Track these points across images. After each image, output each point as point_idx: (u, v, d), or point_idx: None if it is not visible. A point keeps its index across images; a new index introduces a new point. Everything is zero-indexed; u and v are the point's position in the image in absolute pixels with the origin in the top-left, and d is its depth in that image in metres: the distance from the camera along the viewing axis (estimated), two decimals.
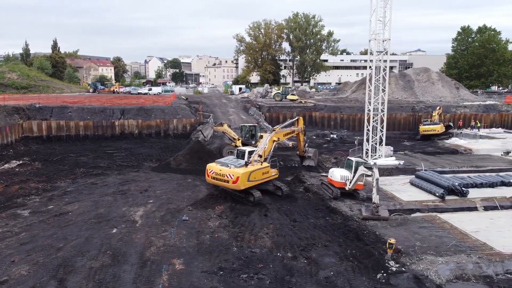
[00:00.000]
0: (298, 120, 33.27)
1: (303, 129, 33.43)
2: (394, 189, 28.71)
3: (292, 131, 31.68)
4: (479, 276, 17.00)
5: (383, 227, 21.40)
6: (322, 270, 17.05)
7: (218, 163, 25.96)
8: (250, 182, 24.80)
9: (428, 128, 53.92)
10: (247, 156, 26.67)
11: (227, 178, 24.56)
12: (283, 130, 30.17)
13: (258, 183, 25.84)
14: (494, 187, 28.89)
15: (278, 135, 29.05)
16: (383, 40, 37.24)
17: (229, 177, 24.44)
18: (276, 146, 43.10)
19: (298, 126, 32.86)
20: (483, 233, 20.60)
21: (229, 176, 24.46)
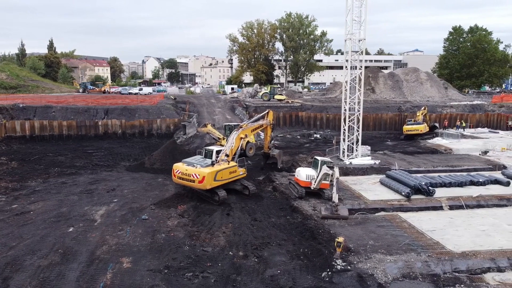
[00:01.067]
0: (268, 113, 33.05)
1: (271, 123, 33.24)
2: (363, 188, 28.75)
3: (260, 126, 31.60)
4: (426, 275, 17.06)
5: (341, 226, 21.47)
6: (270, 268, 17.12)
7: (185, 163, 26.02)
8: (216, 182, 24.86)
9: (411, 128, 53.97)
10: (214, 156, 26.72)
11: (193, 178, 24.61)
12: (251, 125, 30.17)
13: (225, 182, 25.92)
14: (463, 186, 28.93)
15: (245, 132, 29.04)
16: (358, 40, 37.19)
17: (195, 177, 24.50)
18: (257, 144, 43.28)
19: (267, 119, 32.64)
20: (439, 232, 20.66)
21: (195, 176, 24.51)
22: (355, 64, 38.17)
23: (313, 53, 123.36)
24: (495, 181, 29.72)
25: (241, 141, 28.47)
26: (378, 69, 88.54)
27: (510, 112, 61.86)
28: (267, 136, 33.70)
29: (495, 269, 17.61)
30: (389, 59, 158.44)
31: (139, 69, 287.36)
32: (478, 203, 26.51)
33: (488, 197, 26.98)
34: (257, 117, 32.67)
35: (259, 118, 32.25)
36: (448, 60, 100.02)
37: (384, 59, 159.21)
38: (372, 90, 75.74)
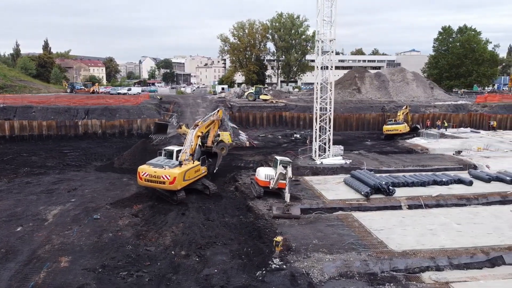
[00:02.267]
0: (219, 111, 33.62)
1: (220, 119, 33.57)
2: (326, 188, 28.80)
3: (211, 122, 31.89)
4: (364, 274, 17.14)
5: (290, 225, 21.55)
6: (208, 268, 17.20)
7: (151, 165, 25.79)
8: (185, 181, 24.99)
9: (391, 128, 53.91)
10: (175, 156, 26.82)
11: (163, 179, 24.38)
12: (205, 123, 30.38)
13: (192, 181, 26.03)
14: (426, 186, 28.99)
15: (202, 129, 29.28)
16: (330, 40, 37.26)
17: (165, 178, 24.31)
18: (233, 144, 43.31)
19: (217, 115, 33.11)
20: (386, 231, 20.73)
21: (166, 177, 24.33)
22: (328, 64, 38.12)
23: (305, 53, 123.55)
24: (458, 181, 29.80)
25: (199, 138, 28.53)
26: (365, 69, 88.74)
27: (493, 112, 61.92)
28: (214, 131, 33.86)
29: (434, 268, 17.71)
30: (383, 59, 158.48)
31: (136, 69, 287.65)
32: (437, 202, 26.61)
33: (448, 197, 27.07)
34: (210, 114, 33.25)
35: (211, 115, 32.80)
36: (437, 60, 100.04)
37: (378, 59, 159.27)
38: (358, 90, 75.83)
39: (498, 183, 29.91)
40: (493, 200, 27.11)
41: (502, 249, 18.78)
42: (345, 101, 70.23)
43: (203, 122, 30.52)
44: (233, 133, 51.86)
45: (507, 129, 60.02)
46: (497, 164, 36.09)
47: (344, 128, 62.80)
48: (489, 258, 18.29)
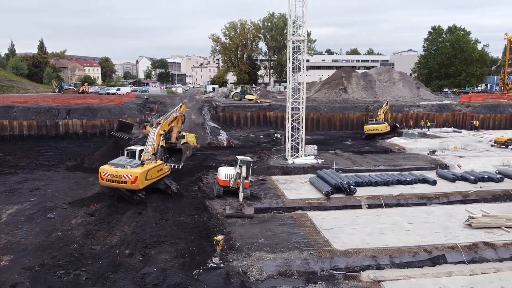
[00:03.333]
0: (181, 106, 33.54)
1: (183, 114, 33.50)
2: (289, 187, 28.92)
3: (174, 118, 31.79)
4: (303, 272, 17.26)
5: (241, 224, 21.66)
6: (148, 266, 17.30)
7: (112, 165, 25.84)
8: (147, 181, 25.05)
9: (372, 128, 53.85)
10: (137, 155, 26.90)
11: (125, 179, 24.42)
12: (167, 120, 30.28)
13: (154, 180, 26.09)
14: (390, 185, 29.09)
15: (164, 128, 29.18)
16: (302, 41, 37.36)
17: (127, 178, 24.35)
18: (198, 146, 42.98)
19: (180, 111, 32.99)
20: (335, 231, 20.83)
21: (127, 176, 24.37)
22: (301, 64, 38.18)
23: (297, 53, 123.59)
24: (423, 180, 29.93)
25: (161, 137, 28.51)
26: (352, 69, 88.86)
27: (476, 112, 62.04)
28: (178, 126, 33.82)
29: (375, 267, 17.83)
30: (376, 59, 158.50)
31: (134, 69, 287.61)
32: (397, 202, 26.74)
33: (408, 196, 27.20)
34: (172, 111, 33.16)
35: (173, 111, 32.74)
36: (427, 60, 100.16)
37: (371, 59, 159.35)
38: (345, 90, 75.92)
39: (463, 182, 30.04)
40: (454, 199, 27.25)
41: (445, 248, 18.88)
42: (330, 101, 70.36)
43: (165, 119, 30.46)
44: (212, 132, 52.18)
45: (489, 128, 60.18)
46: (469, 164, 36.22)
47: (327, 127, 62.91)
48: (431, 257, 18.41)
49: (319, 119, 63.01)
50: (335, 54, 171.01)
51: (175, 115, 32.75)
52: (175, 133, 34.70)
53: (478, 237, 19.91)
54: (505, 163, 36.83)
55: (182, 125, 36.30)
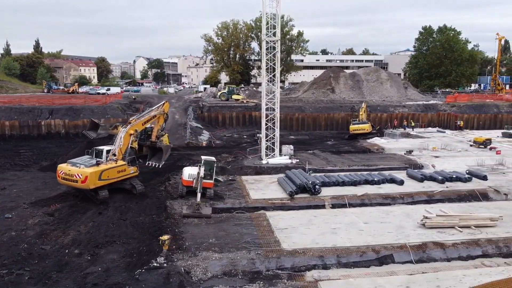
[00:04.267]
0: (164, 104, 33.43)
1: (165, 113, 33.36)
2: (256, 187, 28.99)
3: (152, 117, 31.62)
4: (248, 272, 17.33)
5: (197, 224, 21.73)
6: (94, 266, 17.36)
7: (69, 163, 26.05)
8: (102, 181, 25.04)
9: (358, 127, 53.71)
10: (104, 155, 26.99)
11: (76, 178, 24.67)
12: (140, 119, 30.20)
13: (113, 181, 26.09)
14: (357, 185, 29.15)
15: (135, 127, 29.05)
16: (276, 41, 37.44)
17: (78, 177, 24.55)
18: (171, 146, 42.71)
19: (161, 109, 32.85)
20: (288, 230, 20.89)
21: (78, 175, 24.57)
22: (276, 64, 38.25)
23: (290, 53, 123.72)
24: (391, 180, 30.00)
25: (131, 137, 28.52)
26: (340, 69, 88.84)
27: (460, 112, 62.09)
28: (158, 125, 33.76)
29: (321, 267, 17.90)
30: (371, 59, 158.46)
31: (131, 69, 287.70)
32: (362, 201, 26.81)
33: (373, 196, 27.27)
34: (151, 109, 33.01)
35: (152, 110, 32.58)
36: (417, 60, 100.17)
37: (366, 59, 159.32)
38: (332, 90, 75.95)
39: (431, 182, 30.11)
40: (419, 199, 27.33)
41: (394, 248, 18.94)
42: (317, 101, 70.41)
43: (138, 119, 30.45)
44: (194, 132, 52.28)
45: (474, 128, 60.26)
46: (443, 164, 36.31)
47: (312, 127, 62.92)
48: (379, 256, 18.48)
49: (304, 119, 63.05)
50: (330, 54, 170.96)
51: (153, 114, 32.67)
52: (155, 131, 34.72)
53: (429, 237, 19.97)
54: (479, 163, 36.88)
55: (164, 123, 36.29)
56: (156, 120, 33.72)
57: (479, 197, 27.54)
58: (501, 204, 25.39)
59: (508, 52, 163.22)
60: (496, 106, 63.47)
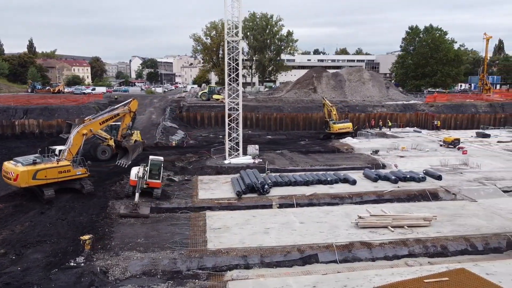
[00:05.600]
0: (132, 102, 33.29)
1: (131, 111, 33.17)
2: (208, 187, 29.03)
3: (113, 116, 31.37)
4: (168, 272, 17.39)
5: (131, 224, 21.80)
6: (15, 266, 17.38)
7: (11, 161, 26.08)
8: (36, 180, 24.94)
9: (342, 126, 52.91)
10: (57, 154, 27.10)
11: (10, 176, 24.86)
12: (98, 118, 30.02)
13: (52, 181, 25.76)
14: (309, 185, 29.17)
15: (90, 127, 28.86)
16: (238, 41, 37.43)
17: (11, 175, 24.72)
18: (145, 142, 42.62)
19: (127, 107, 32.72)
20: (221, 230, 20.94)
21: (11, 174, 24.73)
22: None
23: (280, 52, 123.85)
24: (344, 180, 30.02)
25: (84, 137, 28.46)
26: (323, 69, 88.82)
27: (438, 111, 62.09)
28: (124, 123, 33.62)
29: (243, 266, 17.93)
30: (362, 59, 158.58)
31: (127, 69, 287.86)
32: (310, 201, 26.85)
33: (321, 196, 27.31)
34: (114, 107, 32.86)
35: (119, 107, 32.40)
36: (404, 60, 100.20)
37: (357, 59, 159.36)
38: (314, 90, 75.96)
39: (384, 182, 30.12)
40: (368, 199, 27.39)
41: (320, 248, 18.97)
42: (297, 101, 70.42)
43: (95, 118, 30.35)
44: (167, 132, 52.29)
45: (451, 128, 60.27)
46: (407, 164, 36.35)
47: (291, 127, 62.91)
48: (303, 256, 18.51)
49: (282, 119, 63.08)
50: (321, 54, 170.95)
51: (115, 112, 32.58)
52: (121, 131, 34.71)
53: (359, 236, 20.00)
54: (443, 163, 36.95)
55: (131, 122, 36.21)
56: (123, 119, 33.66)
57: (429, 197, 27.59)
58: (445, 204, 25.42)
59: (502, 52, 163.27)
60: (474, 106, 63.45)
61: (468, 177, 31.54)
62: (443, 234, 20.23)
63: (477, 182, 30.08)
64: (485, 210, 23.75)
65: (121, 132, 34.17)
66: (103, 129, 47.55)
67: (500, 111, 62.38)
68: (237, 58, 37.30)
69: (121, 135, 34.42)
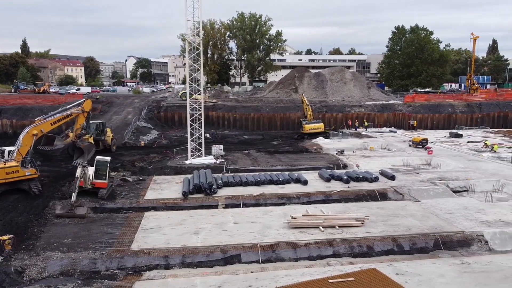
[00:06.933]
0: (85, 101, 33.30)
1: (85, 111, 33.15)
2: (159, 187, 29.07)
3: (66, 116, 31.36)
4: (87, 272, 17.45)
5: (64, 224, 21.88)
6: None
7: None
8: None
9: (314, 127, 52.97)
10: (6, 155, 27.17)
11: None
12: (49, 119, 30.04)
13: None
14: (260, 185, 29.18)
15: (40, 127, 28.95)
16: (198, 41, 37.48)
17: None
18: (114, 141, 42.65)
19: (81, 107, 32.74)
20: (153, 231, 20.98)
21: None
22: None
23: (269, 52, 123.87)
24: (296, 180, 30.04)
25: (34, 138, 28.46)
26: (305, 69, 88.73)
27: (414, 111, 62.08)
28: (78, 123, 33.64)
29: (163, 266, 17.97)
30: (353, 59, 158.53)
31: (123, 68, 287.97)
32: (256, 201, 26.85)
33: (269, 196, 27.34)
34: (66, 107, 32.93)
35: (71, 107, 32.47)
36: (389, 60, 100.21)
37: (349, 59, 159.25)
38: (296, 89, 75.93)
39: (336, 182, 30.13)
40: (316, 199, 27.36)
41: (245, 248, 18.99)
42: (276, 101, 70.44)
43: (46, 118, 30.37)
44: (139, 132, 52.31)
45: (427, 128, 60.27)
46: (369, 164, 36.37)
47: (268, 127, 62.86)
48: (225, 256, 18.53)
49: (259, 119, 63.09)
50: (313, 54, 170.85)
51: (67, 112, 32.63)
52: (75, 131, 34.73)
53: (286, 236, 20.03)
54: (406, 163, 37.04)
55: (86, 122, 36.24)
56: (76, 119, 33.72)
57: (377, 197, 27.60)
58: (387, 204, 25.44)
59: (496, 52, 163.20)
60: (451, 106, 63.40)
61: (423, 177, 31.55)
62: (371, 234, 20.25)
63: (429, 182, 30.08)
64: (424, 210, 23.76)
65: (75, 132, 34.19)
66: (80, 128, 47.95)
67: (477, 111, 62.33)
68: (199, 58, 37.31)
69: (76, 135, 34.42)
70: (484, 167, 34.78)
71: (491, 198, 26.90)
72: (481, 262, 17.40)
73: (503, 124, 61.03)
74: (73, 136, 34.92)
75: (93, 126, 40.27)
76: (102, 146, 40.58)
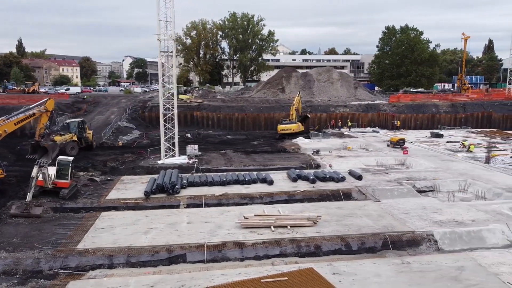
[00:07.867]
0: (48, 101, 33.38)
1: (48, 110, 33.24)
2: (124, 187, 29.10)
3: (29, 116, 31.44)
4: (29, 271, 17.50)
5: (18, 224, 21.93)
6: None
7: None
8: None
9: (285, 127, 53.43)
10: None
11: None
12: (12, 119, 30.12)
13: None
14: (226, 185, 29.21)
15: (4, 127, 29.00)
16: (173, 40, 37.49)
17: None
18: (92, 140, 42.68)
19: (43, 106, 32.81)
20: (104, 230, 20.98)
21: None
22: None
23: (261, 52, 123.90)
24: (262, 180, 30.06)
25: None
26: (293, 68, 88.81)
27: (399, 111, 62.12)
28: (41, 123, 33.71)
29: (107, 266, 17.98)
30: (347, 59, 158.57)
31: (120, 69, 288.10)
32: (219, 201, 26.86)
33: (231, 196, 27.35)
34: (29, 107, 32.97)
35: (34, 107, 32.51)
36: (380, 60, 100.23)
37: (343, 59, 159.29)
38: (283, 89, 76.02)
39: (303, 182, 30.13)
40: (279, 199, 27.36)
41: (191, 248, 18.98)
42: (262, 101, 70.48)
43: (9, 118, 30.40)
44: (120, 132, 52.35)
45: (411, 128, 60.31)
46: (342, 164, 36.38)
47: (253, 127, 62.88)
48: (170, 256, 18.54)
49: (244, 119, 63.11)
50: (307, 54, 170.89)
51: (31, 112, 32.69)
52: (38, 130, 34.81)
53: (235, 236, 20.02)
54: (379, 163, 37.12)
55: (49, 122, 36.31)
56: (39, 118, 33.82)
57: (341, 197, 27.60)
58: (345, 204, 25.43)
59: (491, 52, 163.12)
60: (435, 106, 63.45)
61: (391, 177, 31.55)
62: (321, 234, 20.24)
63: (396, 182, 30.08)
64: (382, 210, 23.76)
65: (38, 131, 34.34)
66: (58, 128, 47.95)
67: (461, 111, 62.39)
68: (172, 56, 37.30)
69: (39, 134, 34.58)
70: (455, 167, 34.78)
71: (453, 198, 26.95)
72: (421, 262, 17.38)
73: (487, 124, 61.11)
74: (37, 136, 35.07)
75: (74, 124, 40.55)
76: (84, 144, 40.80)
